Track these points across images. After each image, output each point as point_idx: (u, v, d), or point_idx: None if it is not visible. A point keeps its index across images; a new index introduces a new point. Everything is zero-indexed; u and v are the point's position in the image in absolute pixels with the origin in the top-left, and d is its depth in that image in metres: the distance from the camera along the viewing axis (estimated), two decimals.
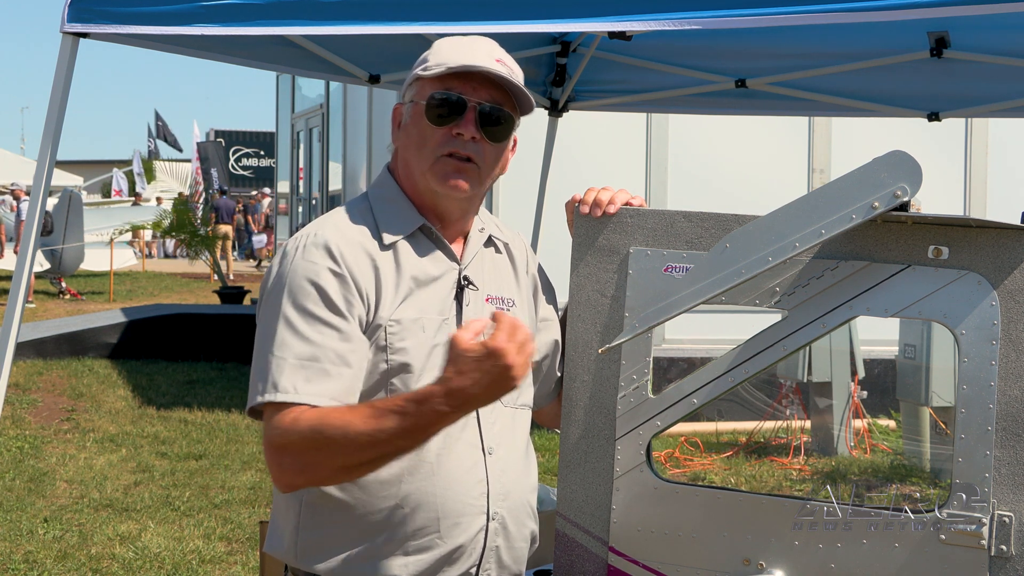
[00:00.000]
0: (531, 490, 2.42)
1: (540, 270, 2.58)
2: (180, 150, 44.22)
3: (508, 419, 2.35)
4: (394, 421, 2.05)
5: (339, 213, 2.33)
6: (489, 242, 2.45)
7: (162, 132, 44.17)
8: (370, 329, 2.23)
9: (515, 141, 2.39)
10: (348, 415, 2.10)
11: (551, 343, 2.55)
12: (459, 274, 2.34)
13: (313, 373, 2.16)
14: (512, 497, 2.34)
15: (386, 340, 2.23)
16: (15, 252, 19.87)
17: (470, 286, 2.34)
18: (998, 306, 2.14)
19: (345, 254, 2.22)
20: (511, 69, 2.32)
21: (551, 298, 2.59)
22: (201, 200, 29.37)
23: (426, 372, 2.24)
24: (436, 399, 2.02)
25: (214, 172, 32.27)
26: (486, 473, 2.29)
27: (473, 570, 2.29)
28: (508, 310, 2.41)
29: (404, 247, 2.30)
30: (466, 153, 2.28)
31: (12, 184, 22.58)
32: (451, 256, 2.35)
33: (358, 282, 2.22)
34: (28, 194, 20.53)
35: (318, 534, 2.26)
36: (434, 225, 2.34)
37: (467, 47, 2.32)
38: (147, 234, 25.80)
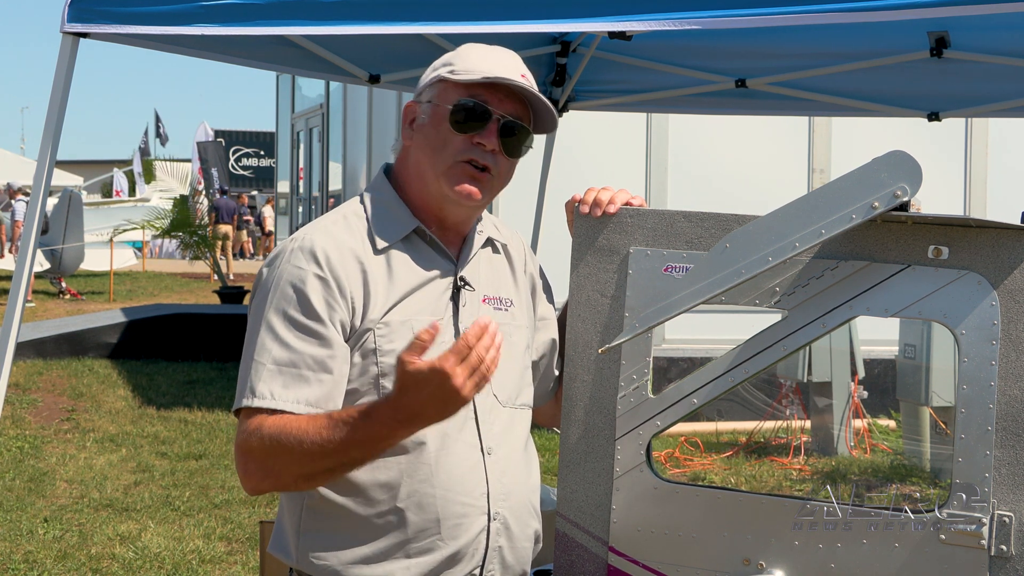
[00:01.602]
0: (533, 490, 2.43)
1: (539, 269, 2.58)
2: (164, 144, 44.19)
3: (507, 419, 2.35)
4: (343, 432, 2.09)
5: (332, 217, 2.34)
6: (487, 243, 2.45)
7: (158, 132, 44.13)
8: (357, 334, 2.23)
9: None
10: (306, 425, 2.13)
11: (549, 342, 2.55)
12: (455, 275, 2.34)
13: (290, 379, 2.18)
14: (513, 497, 2.34)
15: (375, 343, 2.23)
16: (10, 252, 19.87)
17: (466, 287, 2.34)
18: (998, 306, 2.14)
19: (332, 259, 2.23)
20: (532, 85, 2.33)
21: (550, 297, 2.60)
22: (201, 199, 29.36)
23: None
24: (382, 412, 2.06)
25: (214, 172, 32.25)
26: (486, 474, 2.29)
27: (477, 571, 2.29)
28: (506, 310, 2.41)
29: (397, 251, 2.30)
30: (484, 163, 2.28)
31: (6, 185, 22.59)
32: (447, 258, 2.35)
33: (343, 287, 2.22)
34: (23, 193, 20.53)
35: (319, 537, 2.26)
36: (430, 228, 2.34)
37: (496, 57, 2.32)
38: (147, 234, 25.79)
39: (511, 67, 2.31)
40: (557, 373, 2.57)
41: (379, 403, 2.09)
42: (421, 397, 2.00)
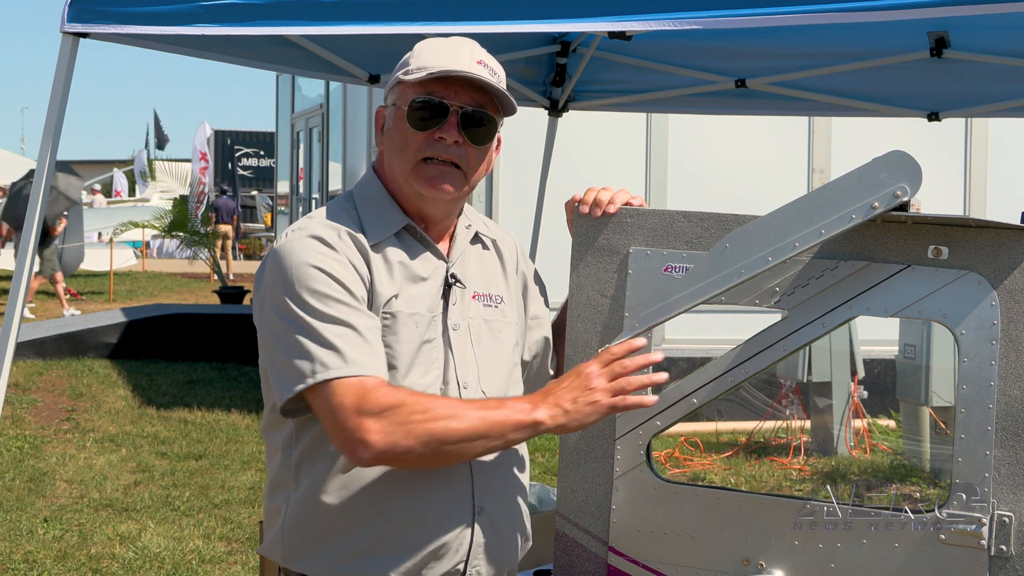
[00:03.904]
0: (519, 486, 2.42)
1: (531, 267, 2.58)
2: (162, 147, 44.21)
3: None
4: (506, 402, 2.18)
5: (324, 212, 2.32)
6: (476, 239, 2.45)
7: (158, 135, 44.15)
8: None
9: (499, 140, 2.38)
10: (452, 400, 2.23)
11: (541, 340, 2.55)
12: (446, 271, 2.34)
13: (355, 348, 2.14)
14: (499, 493, 2.34)
15: (381, 334, 2.23)
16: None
17: (457, 284, 2.34)
18: (998, 306, 2.14)
19: (342, 244, 2.22)
20: (493, 70, 2.31)
21: (544, 297, 2.59)
22: (204, 200, 29.35)
23: (413, 369, 2.24)
24: (534, 396, 2.18)
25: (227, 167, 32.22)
26: (470, 470, 2.29)
27: (461, 567, 2.28)
28: (495, 307, 2.41)
29: (391, 246, 2.30)
30: (448, 157, 2.28)
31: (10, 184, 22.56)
32: (438, 255, 2.35)
33: (358, 268, 2.22)
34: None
35: (302, 534, 2.26)
36: (419, 225, 2.34)
37: (448, 50, 2.30)
38: (147, 234, 25.80)
39: (464, 56, 2.28)
40: (552, 373, 2.57)
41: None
42: (559, 380, 2.17)
